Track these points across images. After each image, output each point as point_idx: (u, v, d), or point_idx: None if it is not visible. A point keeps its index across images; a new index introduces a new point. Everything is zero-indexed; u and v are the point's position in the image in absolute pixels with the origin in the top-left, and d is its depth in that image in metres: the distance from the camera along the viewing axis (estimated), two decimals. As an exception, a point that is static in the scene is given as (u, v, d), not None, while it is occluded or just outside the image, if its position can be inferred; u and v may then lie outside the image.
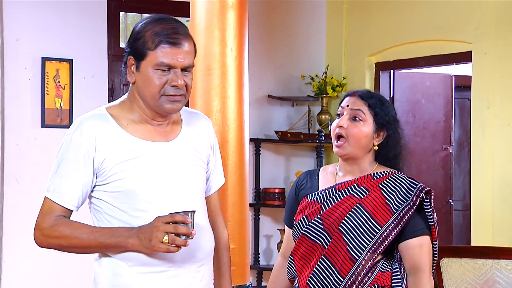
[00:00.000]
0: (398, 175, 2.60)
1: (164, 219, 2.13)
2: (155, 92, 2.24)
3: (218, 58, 3.73)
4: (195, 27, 3.78)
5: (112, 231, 2.21)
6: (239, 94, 3.78)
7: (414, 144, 6.18)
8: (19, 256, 5.16)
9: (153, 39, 2.22)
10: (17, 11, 5.20)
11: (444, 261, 4.07)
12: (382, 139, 2.60)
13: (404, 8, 5.79)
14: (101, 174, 2.25)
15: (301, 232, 2.58)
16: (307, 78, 6.20)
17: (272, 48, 6.25)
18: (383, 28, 5.94)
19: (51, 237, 2.23)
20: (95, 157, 2.23)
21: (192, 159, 2.37)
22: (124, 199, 2.24)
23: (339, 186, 2.60)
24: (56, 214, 2.24)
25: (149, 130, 2.31)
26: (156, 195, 2.26)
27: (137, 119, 2.31)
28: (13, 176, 5.17)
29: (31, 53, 5.24)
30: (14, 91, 5.19)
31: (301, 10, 6.40)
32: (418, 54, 5.75)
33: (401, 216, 2.49)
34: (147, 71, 2.24)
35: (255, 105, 6.08)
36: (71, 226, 2.22)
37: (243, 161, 3.79)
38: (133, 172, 2.24)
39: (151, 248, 2.14)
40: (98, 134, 2.24)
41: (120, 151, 2.24)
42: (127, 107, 2.33)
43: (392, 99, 6.06)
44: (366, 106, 2.58)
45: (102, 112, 2.32)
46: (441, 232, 6.35)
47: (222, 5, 3.74)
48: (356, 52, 6.16)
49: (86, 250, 2.24)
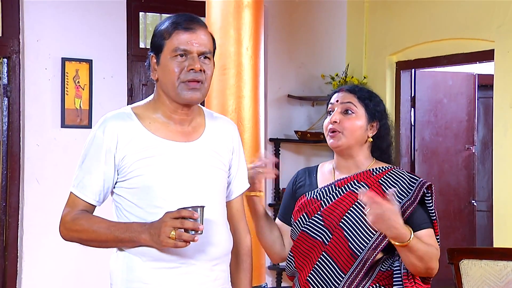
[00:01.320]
0: (398, 170, 2.57)
1: (172, 215, 2.15)
2: (174, 79, 2.28)
3: (233, 57, 3.71)
4: (211, 27, 3.75)
5: (127, 226, 2.25)
6: (255, 94, 3.75)
7: (436, 144, 6.12)
8: (39, 256, 5.19)
9: (168, 30, 2.29)
10: (37, 12, 5.24)
11: (464, 262, 4.00)
12: (376, 130, 2.59)
13: (426, 7, 5.72)
14: (121, 170, 2.29)
15: (301, 229, 2.55)
16: (327, 77, 6.16)
17: (292, 47, 6.22)
18: (404, 27, 5.88)
19: (72, 230, 2.29)
20: (116, 154, 2.28)
21: (211, 160, 2.38)
22: (141, 195, 2.28)
23: (338, 182, 2.57)
24: (79, 208, 2.30)
25: (171, 130, 2.34)
26: (172, 192, 2.29)
27: (161, 118, 2.34)
28: (33, 176, 5.21)
29: (51, 54, 5.27)
30: (34, 91, 5.22)
31: (322, 9, 6.36)
32: (439, 52, 5.68)
33: (402, 211, 2.43)
34: (166, 61, 2.29)
35: (275, 105, 6.07)
36: (90, 220, 2.28)
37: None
38: (150, 169, 2.27)
39: (159, 243, 2.16)
40: (120, 131, 2.29)
41: (140, 148, 2.28)
42: (151, 106, 2.37)
43: (413, 99, 6.01)
44: (356, 98, 2.57)
45: (127, 111, 2.36)
46: (464, 233, 6.29)
47: (238, 4, 3.72)
48: (377, 51, 6.11)
49: (103, 244, 2.29)
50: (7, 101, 5.22)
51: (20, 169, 5.20)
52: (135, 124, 2.31)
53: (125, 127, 2.30)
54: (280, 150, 6.04)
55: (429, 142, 6.10)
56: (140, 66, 5.50)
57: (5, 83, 5.22)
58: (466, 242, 6.29)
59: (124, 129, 2.30)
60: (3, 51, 5.21)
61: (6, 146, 5.24)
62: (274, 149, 6.07)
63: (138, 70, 5.53)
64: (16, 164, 5.20)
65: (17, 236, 5.21)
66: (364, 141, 2.59)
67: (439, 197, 6.12)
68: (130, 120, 2.32)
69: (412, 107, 6.03)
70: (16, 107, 5.21)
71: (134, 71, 5.58)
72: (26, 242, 5.19)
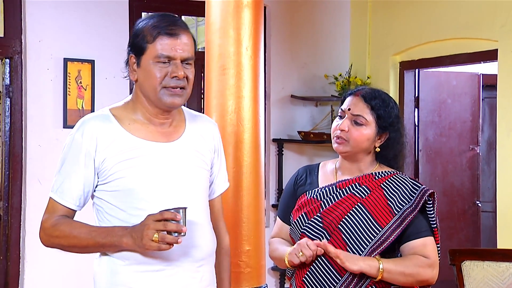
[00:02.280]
0: (401, 175, 2.55)
1: (154, 217, 2.13)
2: (156, 84, 2.24)
3: (233, 57, 3.67)
4: (210, 27, 3.74)
5: (108, 231, 2.22)
6: (255, 94, 3.72)
7: (440, 144, 6.10)
8: (41, 257, 5.18)
9: (151, 32, 2.24)
10: (39, 13, 5.23)
11: (466, 264, 3.98)
12: (383, 141, 2.55)
13: (429, 7, 5.69)
14: (101, 173, 2.26)
15: (301, 231, 2.53)
16: (330, 77, 6.14)
17: (295, 47, 6.20)
18: (408, 27, 5.86)
19: (52, 236, 2.26)
20: (96, 157, 2.25)
21: (193, 160, 2.36)
22: (123, 198, 2.25)
23: (339, 184, 2.55)
24: (59, 213, 2.27)
25: (151, 130, 2.31)
26: (154, 194, 2.26)
27: (140, 119, 2.32)
28: (35, 177, 5.20)
29: (53, 54, 5.26)
30: (36, 92, 5.22)
31: (325, 9, 6.34)
32: (443, 52, 5.66)
33: (403, 218, 2.43)
34: (148, 65, 2.25)
35: (277, 105, 6.05)
36: (71, 226, 2.25)
37: (258, 162, 3.73)
38: (132, 171, 2.24)
39: (142, 246, 2.14)
40: (99, 134, 2.25)
41: (120, 150, 2.25)
42: (130, 107, 2.34)
43: (417, 99, 5.98)
44: (369, 110, 2.51)
45: (105, 112, 2.33)
46: (468, 234, 6.26)
47: (237, 4, 3.68)
48: (380, 51, 6.08)
49: (85, 249, 2.26)
50: (9, 101, 5.22)
51: (22, 169, 5.19)
52: (114, 126, 2.28)
53: (104, 129, 2.26)
54: (283, 150, 6.02)
55: (432, 143, 6.07)
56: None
57: (7, 84, 5.21)
58: (471, 243, 6.26)
59: (103, 131, 2.26)
60: (5, 52, 5.21)
61: (8, 147, 5.24)
62: (277, 150, 6.05)
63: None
64: (18, 165, 5.19)
65: (19, 236, 5.21)
66: (370, 151, 2.56)
67: (443, 197, 6.09)
68: (108, 122, 2.29)
69: (416, 107, 6.00)
70: (18, 108, 5.21)
71: (136, 72, 5.57)
72: (28, 243, 5.18)
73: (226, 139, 3.66)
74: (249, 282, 3.68)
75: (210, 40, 3.74)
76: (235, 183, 3.66)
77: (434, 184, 6.06)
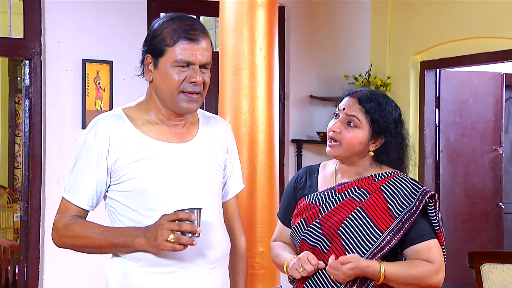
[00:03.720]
0: (401, 176, 2.49)
1: (169, 217, 2.11)
2: (173, 88, 2.23)
3: (247, 57, 3.65)
4: (224, 27, 3.73)
5: (121, 231, 2.20)
6: (269, 94, 3.70)
7: (461, 145, 6.02)
8: (60, 257, 5.20)
9: (172, 36, 2.22)
10: (58, 14, 5.25)
11: (485, 266, 3.92)
12: (378, 145, 2.48)
13: (450, 5, 5.62)
14: (114, 173, 2.25)
15: (301, 238, 2.49)
16: (350, 78, 6.09)
17: (314, 47, 6.16)
18: (428, 26, 5.79)
19: (65, 236, 2.24)
20: (108, 157, 2.23)
21: (206, 161, 2.35)
22: (136, 198, 2.24)
23: (338, 188, 2.49)
24: (71, 213, 2.25)
25: (164, 131, 2.30)
26: (167, 194, 2.24)
27: (153, 119, 2.30)
28: (54, 178, 5.22)
29: (72, 55, 5.28)
30: (55, 93, 5.24)
31: (345, 8, 6.29)
32: (464, 52, 5.58)
33: (403, 222, 2.38)
34: (166, 68, 2.23)
35: (297, 105, 6.02)
36: (83, 226, 2.23)
37: (272, 163, 3.70)
38: (144, 172, 2.23)
39: (156, 247, 2.12)
40: (112, 134, 2.24)
41: (133, 150, 2.24)
42: (143, 107, 2.32)
43: (438, 99, 5.91)
44: (363, 112, 2.44)
45: (118, 112, 2.32)
46: (490, 236, 6.16)
47: (251, 3, 3.67)
48: (400, 50, 6.02)
49: (98, 250, 2.24)
50: (29, 102, 5.25)
51: (41, 170, 5.22)
52: (127, 126, 2.27)
53: (117, 129, 2.25)
54: (302, 151, 5.98)
55: (454, 143, 6.00)
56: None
57: (27, 85, 5.25)
58: (493, 245, 6.16)
59: (116, 131, 2.25)
60: (25, 53, 5.24)
61: (27, 148, 5.27)
62: (296, 150, 6.02)
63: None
64: (37, 165, 5.22)
65: (39, 237, 5.23)
66: (364, 155, 2.49)
67: (465, 199, 6.01)
68: (122, 121, 2.27)
69: (437, 107, 5.93)
70: (38, 109, 5.24)
71: (155, 72, 5.57)
72: (47, 243, 5.21)
73: (240, 140, 3.65)
74: (263, 284, 3.66)
75: (224, 40, 3.73)
76: (249, 184, 3.64)
77: (455, 186, 5.98)
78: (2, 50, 5.35)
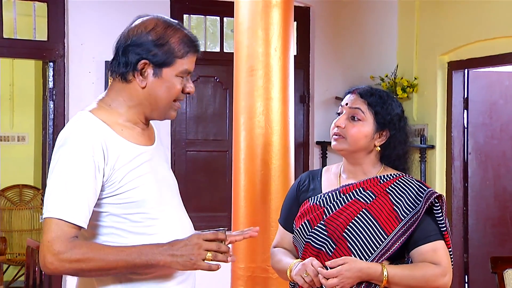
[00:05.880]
0: (407, 178, 2.45)
1: (206, 237, 2.07)
2: (172, 97, 2.20)
3: (261, 58, 3.60)
4: (238, 27, 3.68)
5: (138, 250, 2.06)
6: (284, 96, 3.64)
7: (491, 147, 5.88)
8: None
9: (182, 47, 2.17)
10: (81, 16, 5.28)
11: (508, 272, 3.82)
12: (384, 139, 2.45)
13: (478, 4, 5.49)
14: (109, 185, 2.11)
15: (305, 241, 2.44)
16: (376, 78, 6.00)
17: (340, 48, 6.09)
18: (456, 25, 5.67)
19: (70, 261, 2.01)
20: (105, 168, 2.09)
21: (168, 162, 2.38)
22: (136, 209, 2.13)
23: (343, 189, 2.45)
24: (71, 235, 2.03)
25: (139, 134, 2.22)
26: (162, 199, 2.19)
27: (127, 123, 2.19)
28: (77, 179, 5.24)
29: (95, 57, 5.31)
30: (78, 94, 5.27)
31: (371, 8, 6.21)
32: (493, 51, 5.44)
33: (409, 224, 2.34)
34: (171, 78, 2.18)
35: (322, 107, 5.95)
36: (92, 248, 2.06)
37: (287, 165, 3.64)
38: (141, 181, 2.14)
39: (191, 266, 2.06)
40: (104, 144, 2.09)
41: (126, 160, 2.12)
42: (115, 111, 2.18)
43: (466, 100, 5.77)
44: (366, 105, 2.42)
45: (94, 119, 2.14)
46: (521, 241, 6.00)
47: (266, 4, 3.61)
48: (428, 51, 5.90)
49: (110, 271, 2.08)
50: (53, 104, 5.28)
51: (64, 171, 5.24)
52: (111, 134, 2.13)
53: (107, 138, 2.11)
54: (327, 153, 5.91)
55: (483, 145, 5.85)
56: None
57: (51, 87, 5.29)
58: (524, 251, 6.01)
59: (107, 140, 2.10)
60: (49, 55, 5.29)
61: (51, 150, 5.30)
62: (321, 153, 5.95)
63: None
64: (61, 167, 5.23)
65: (62, 238, 5.25)
66: (371, 150, 2.45)
67: (494, 202, 5.87)
68: (105, 129, 2.12)
69: (465, 108, 5.79)
70: (61, 111, 5.27)
71: (177, 74, 5.57)
72: (70, 244, 5.23)
73: (254, 141, 3.61)
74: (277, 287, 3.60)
75: (238, 40, 3.68)
76: (263, 187, 3.59)
77: (485, 189, 5.84)
78: (27, 53, 5.41)
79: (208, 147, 5.81)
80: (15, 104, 8.45)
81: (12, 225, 8.19)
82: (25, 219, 8.28)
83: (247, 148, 3.62)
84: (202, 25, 6.17)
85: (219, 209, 5.75)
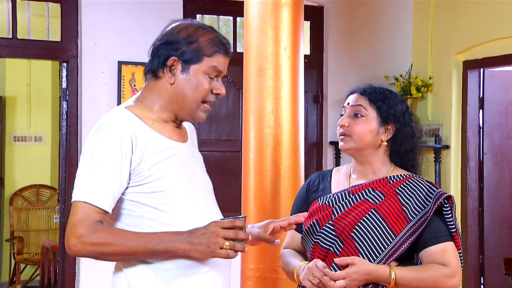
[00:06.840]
0: (416, 178, 2.44)
1: (223, 225, 2.12)
2: (200, 96, 2.27)
3: (271, 58, 3.58)
4: (248, 26, 3.66)
5: (159, 237, 2.13)
6: (293, 95, 3.61)
7: (507, 148, 5.81)
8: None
9: (211, 46, 2.27)
10: (94, 16, 5.29)
11: (525, 275, 3.77)
12: (391, 134, 2.45)
13: (493, 3, 5.42)
14: (137, 175, 2.18)
15: (314, 241, 2.44)
16: (391, 78, 5.95)
17: (354, 48, 6.06)
18: (471, 24, 5.60)
19: (92, 244, 2.09)
20: (133, 157, 2.17)
21: (201, 160, 2.44)
22: (164, 199, 2.20)
23: (352, 189, 2.45)
24: (95, 218, 2.11)
25: (171, 129, 2.31)
26: (192, 193, 2.26)
27: (159, 119, 2.29)
28: (90, 179, 5.25)
29: (108, 58, 5.31)
30: (91, 95, 5.28)
31: (385, 8, 6.16)
32: (509, 50, 5.37)
33: (418, 225, 2.33)
34: (198, 75, 2.26)
35: (335, 107, 5.92)
36: (114, 232, 2.14)
37: (297, 165, 3.62)
38: (170, 171, 2.22)
39: (209, 254, 2.11)
40: (134, 134, 2.19)
41: (156, 150, 2.22)
42: (147, 107, 2.29)
43: (482, 100, 5.70)
44: (367, 101, 2.45)
45: (127, 112, 2.25)
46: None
47: (275, 3, 3.59)
48: (442, 50, 5.84)
49: (130, 257, 2.15)
50: (66, 104, 5.30)
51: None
52: (142, 126, 2.23)
53: (137, 130, 2.20)
54: (341, 153, 5.87)
55: (499, 146, 5.78)
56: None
57: (64, 87, 5.30)
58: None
59: (137, 131, 2.20)
60: (63, 56, 5.30)
61: (64, 149, 5.32)
62: (335, 153, 5.92)
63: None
64: (74, 168, 5.24)
65: (75, 238, 5.27)
66: (378, 145, 2.45)
67: (511, 203, 5.80)
68: (137, 121, 2.23)
69: (481, 108, 5.72)
70: (74, 111, 5.29)
71: (190, 74, 5.56)
72: (83, 244, 5.24)
73: (263, 141, 3.59)
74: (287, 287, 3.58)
75: (248, 40, 3.67)
76: (273, 187, 3.57)
77: (500, 189, 5.77)
78: (40, 53, 5.42)
79: (221, 147, 5.80)
80: (32, 104, 8.50)
81: (29, 225, 8.25)
82: (42, 219, 8.33)
83: (256, 148, 3.61)
84: (215, 25, 6.16)
85: (233, 209, 5.73)
